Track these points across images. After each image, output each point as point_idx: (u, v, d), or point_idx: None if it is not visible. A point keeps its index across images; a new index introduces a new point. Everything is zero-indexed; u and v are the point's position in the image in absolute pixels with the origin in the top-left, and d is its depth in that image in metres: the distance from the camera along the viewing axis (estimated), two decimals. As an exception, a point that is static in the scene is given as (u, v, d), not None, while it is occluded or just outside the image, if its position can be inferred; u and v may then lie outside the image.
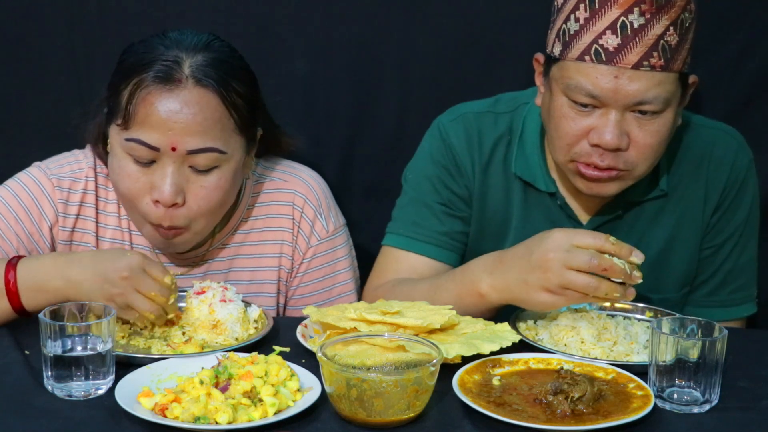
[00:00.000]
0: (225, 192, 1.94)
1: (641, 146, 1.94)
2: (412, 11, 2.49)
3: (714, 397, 1.63)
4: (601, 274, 1.75)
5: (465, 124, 2.17)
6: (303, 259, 2.13)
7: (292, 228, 2.12)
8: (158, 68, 1.87)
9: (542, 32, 2.06)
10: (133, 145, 1.87)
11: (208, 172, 1.91)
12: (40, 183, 2.03)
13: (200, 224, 1.95)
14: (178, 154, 1.87)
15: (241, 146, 1.96)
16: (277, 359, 1.65)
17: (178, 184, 1.89)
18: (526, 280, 1.82)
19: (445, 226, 2.16)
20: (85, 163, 2.07)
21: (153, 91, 1.86)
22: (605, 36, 1.87)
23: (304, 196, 2.12)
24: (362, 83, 2.54)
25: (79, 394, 1.61)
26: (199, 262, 2.11)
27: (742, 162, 2.14)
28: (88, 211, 2.06)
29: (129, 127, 1.88)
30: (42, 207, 2.02)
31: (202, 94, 1.88)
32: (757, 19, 2.46)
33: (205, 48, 1.92)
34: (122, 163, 1.91)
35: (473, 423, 1.56)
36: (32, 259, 1.84)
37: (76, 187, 2.05)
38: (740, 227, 2.16)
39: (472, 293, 1.92)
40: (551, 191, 2.13)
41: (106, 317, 1.63)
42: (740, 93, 2.50)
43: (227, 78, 1.91)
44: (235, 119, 1.92)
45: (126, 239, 2.08)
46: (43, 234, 2.02)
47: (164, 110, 1.85)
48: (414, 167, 2.22)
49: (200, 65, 1.89)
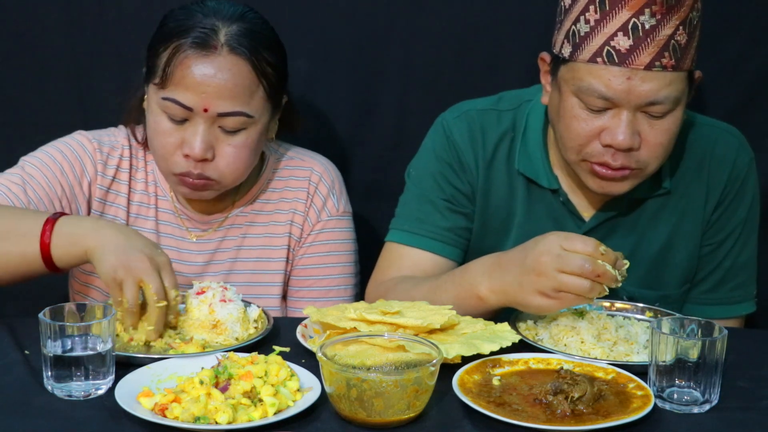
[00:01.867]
0: (250, 151, 2.07)
1: (652, 145, 1.95)
2: (412, 11, 2.49)
3: (714, 397, 1.63)
4: (593, 279, 1.75)
5: (468, 121, 2.17)
6: (312, 230, 2.23)
7: (306, 200, 2.24)
8: (196, 34, 2.00)
9: (543, 32, 2.07)
10: (168, 104, 2.01)
11: (236, 133, 2.04)
12: (83, 144, 2.18)
13: (228, 179, 2.08)
14: (209, 115, 2.01)
15: (268, 111, 2.09)
16: (277, 359, 1.65)
17: (208, 142, 2.02)
18: (521, 283, 1.82)
19: (449, 222, 2.16)
20: (121, 137, 2.22)
21: (190, 56, 1.99)
22: (617, 37, 1.87)
23: (320, 174, 2.26)
24: (362, 83, 2.54)
25: (79, 394, 1.61)
26: (217, 228, 2.22)
27: (742, 160, 2.15)
28: (123, 175, 2.20)
29: (166, 86, 2.01)
30: (84, 163, 2.16)
31: (235, 61, 2.00)
32: (758, 19, 2.46)
33: (240, 18, 2.04)
34: (158, 119, 2.04)
35: (473, 423, 1.56)
36: (74, 216, 1.96)
37: (114, 154, 2.20)
38: (740, 225, 2.16)
39: (470, 295, 1.92)
40: (554, 188, 2.13)
41: (106, 317, 1.63)
42: (741, 92, 2.51)
43: (259, 48, 2.03)
44: (264, 86, 2.05)
45: (152, 203, 2.22)
46: (82, 187, 2.16)
47: (199, 74, 1.99)
48: (417, 164, 2.23)
49: (235, 34, 2.01)
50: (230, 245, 2.23)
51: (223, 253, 2.22)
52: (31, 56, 2.49)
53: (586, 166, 1.99)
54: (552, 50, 2.02)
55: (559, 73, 1.99)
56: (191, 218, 2.22)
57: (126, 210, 2.20)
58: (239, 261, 2.22)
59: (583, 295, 1.77)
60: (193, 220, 2.22)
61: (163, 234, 2.21)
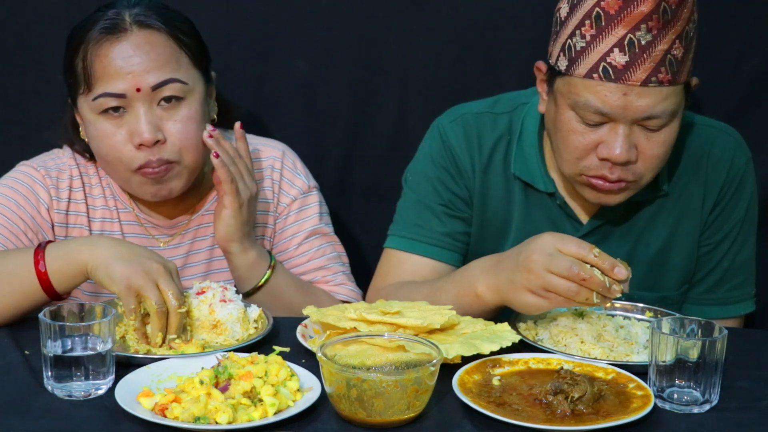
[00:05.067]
0: (197, 123, 2.04)
1: (649, 157, 1.95)
2: (412, 12, 2.49)
3: (714, 397, 1.63)
4: (579, 283, 1.75)
5: (464, 125, 2.17)
6: (290, 211, 2.22)
7: (272, 187, 2.22)
8: (102, 25, 1.99)
9: (541, 33, 2.06)
10: (101, 100, 1.99)
11: (177, 107, 2.02)
12: (30, 174, 2.13)
13: (188, 158, 2.04)
14: (144, 94, 1.98)
15: (200, 80, 2.07)
16: (277, 359, 1.65)
17: (153, 123, 1.99)
18: (512, 280, 1.82)
19: (447, 227, 2.16)
20: (65, 158, 2.18)
21: (103, 44, 1.98)
22: (613, 53, 1.87)
23: (280, 159, 2.24)
24: (362, 83, 2.54)
25: (79, 394, 1.61)
26: (184, 231, 2.19)
27: (740, 160, 2.15)
28: (77, 194, 2.16)
29: (92, 86, 1.99)
30: (37, 192, 2.12)
31: (149, 34, 2.00)
32: (757, 19, 2.46)
33: (138, 2, 2.04)
34: (97, 125, 2.02)
35: (473, 423, 1.56)
36: (60, 241, 1.93)
37: (63, 176, 2.15)
38: (738, 225, 2.16)
39: (469, 294, 1.92)
40: (550, 191, 2.13)
41: (106, 317, 1.63)
42: (740, 93, 2.50)
43: (168, 19, 2.04)
44: (187, 53, 2.04)
45: (114, 217, 2.18)
46: (41, 215, 2.11)
47: (119, 57, 1.98)
48: (414, 169, 2.23)
49: (140, 12, 2.02)
50: (202, 245, 2.20)
51: (196, 255, 2.20)
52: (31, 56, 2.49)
53: (583, 179, 1.99)
54: (548, 60, 2.01)
55: (555, 84, 1.98)
56: (156, 225, 2.18)
57: (89, 229, 2.15)
58: (215, 260, 2.20)
59: (570, 298, 1.76)
60: (158, 227, 2.19)
61: None
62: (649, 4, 1.84)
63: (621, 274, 1.76)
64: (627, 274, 1.77)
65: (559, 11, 1.96)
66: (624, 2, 1.85)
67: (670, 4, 1.85)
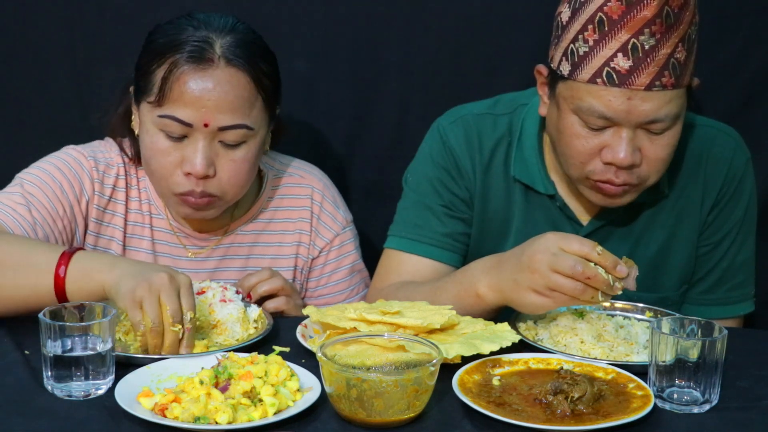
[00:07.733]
0: (250, 165, 2.04)
1: (653, 160, 1.95)
2: (412, 11, 2.49)
3: (714, 397, 1.63)
4: (584, 281, 1.75)
5: (464, 126, 2.17)
6: (332, 246, 2.24)
7: (310, 219, 2.23)
8: (191, 48, 1.96)
9: (542, 34, 2.06)
10: (166, 121, 1.96)
11: (237, 147, 2.00)
12: (80, 162, 2.11)
13: (229, 195, 2.05)
14: (210, 131, 1.97)
15: (266, 122, 2.07)
16: (277, 359, 1.65)
17: (209, 158, 1.98)
18: (516, 280, 1.82)
19: (447, 228, 2.16)
20: (114, 153, 2.16)
21: (187, 71, 1.95)
22: (617, 58, 1.87)
23: (321, 191, 2.25)
24: (362, 83, 2.54)
25: (79, 394, 1.61)
26: (215, 246, 2.19)
27: (739, 160, 2.15)
28: (119, 194, 2.15)
29: (163, 104, 1.96)
30: (83, 182, 2.10)
31: (233, 73, 1.97)
32: (757, 19, 2.46)
33: (232, 29, 2.01)
34: (154, 139, 1.99)
35: (473, 423, 1.56)
36: (91, 251, 1.94)
37: (110, 171, 2.14)
38: (737, 225, 2.16)
39: (470, 294, 1.92)
40: (550, 193, 2.13)
41: (106, 317, 1.63)
42: (740, 93, 2.51)
43: (255, 58, 2.00)
44: (263, 97, 2.02)
45: (146, 222, 2.17)
46: (81, 206, 2.10)
47: (198, 89, 1.94)
48: (414, 169, 2.23)
49: (230, 46, 1.98)
50: (234, 264, 2.19)
51: (225, 273, 2.19)
52: (31, 56, 2.49)
53: (589, 183, 2.00)
54: (549, 63, 2.01)
55: (557, 89, 1.98)
56: (189, 236, 2.18)
57: (122, 230, 2.14)
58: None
59: (575, 297, 1.76)
60: (190, 238, 2.18)
61: (160, 253, 2.17)
62: (652, 8, 1.84)
63: (622, 272, 1.77)
64: (627, 271, 1.78)
65: (560, 15, 1.96)
66: (627, 7, 1.85)
67: (672, 7, 1.85)
